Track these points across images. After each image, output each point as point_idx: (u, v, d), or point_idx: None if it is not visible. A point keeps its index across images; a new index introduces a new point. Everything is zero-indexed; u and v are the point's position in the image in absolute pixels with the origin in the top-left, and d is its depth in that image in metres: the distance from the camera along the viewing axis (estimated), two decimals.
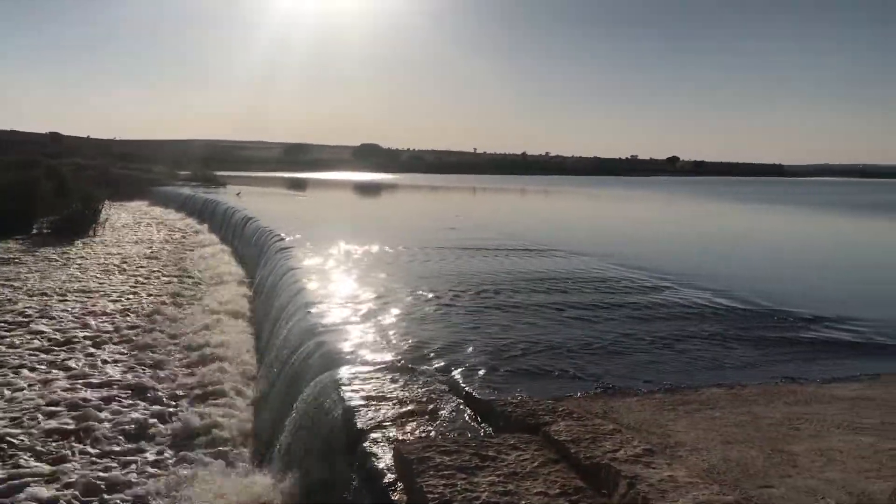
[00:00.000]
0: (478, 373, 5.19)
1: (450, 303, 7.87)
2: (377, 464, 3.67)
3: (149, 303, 12.15)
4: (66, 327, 10.25)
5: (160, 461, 5.93)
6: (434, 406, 4.44)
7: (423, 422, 4.18)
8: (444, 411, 4.37)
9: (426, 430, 4.06)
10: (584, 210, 34.98)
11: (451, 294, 8.35)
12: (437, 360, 5.51)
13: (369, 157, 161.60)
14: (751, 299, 8.32)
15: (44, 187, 23.01)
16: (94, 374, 8.20)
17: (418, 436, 3.95)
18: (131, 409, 7.14)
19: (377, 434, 4.01)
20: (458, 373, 5.17)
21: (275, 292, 9.73)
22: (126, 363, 8.66)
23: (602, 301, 8.16)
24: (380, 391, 4.72)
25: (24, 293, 12.50)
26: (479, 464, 3.23)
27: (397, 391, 4.72)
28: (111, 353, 9.09)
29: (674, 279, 9.76)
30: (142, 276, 14.99)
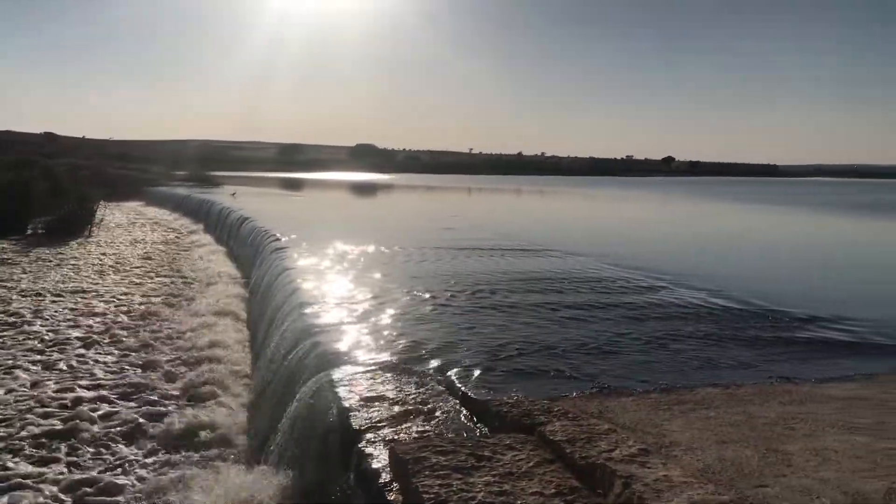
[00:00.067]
0: (473, 373, 5.19)
1: (445, 303, 7.87)
2: (373, 464, 3.66)
3: (143, 303, 12.11)
4: (60, 328, 10.22)
5: (154, 462, 5.91)
6: (430, 406, 4.44)
7: (418, 422, 4.17)
8: (440, 411, 4.37)
9: (422, 430, 4.06)
10: (579, 210, 35.00)
11: (447, 294, 8.35)
12: (433, 361, 5.50)
13: (365, 157, 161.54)
14: (746, 299, 8.34)
15: (39, 187, 22.93)
16: (86, 374, 8.17)
17: (414, 436, 3.94)
18: (125, 409, 7.11)
19: (373, 434, 4.00)
20: (453, 373, 5.17)
21: (270, 293, 9.71)
22: (119, 364, 8.63)
23: (597, 301, 8.17)
24: (375, 391, 4.71)
25: (18, 293, 12.45)
26: (474, 464, 3.23)
27: (393, 391, 4.71)
28: (105, 353, 9.06)
29: (669, 279, 9.77)
30: (137, 276, 14.95)
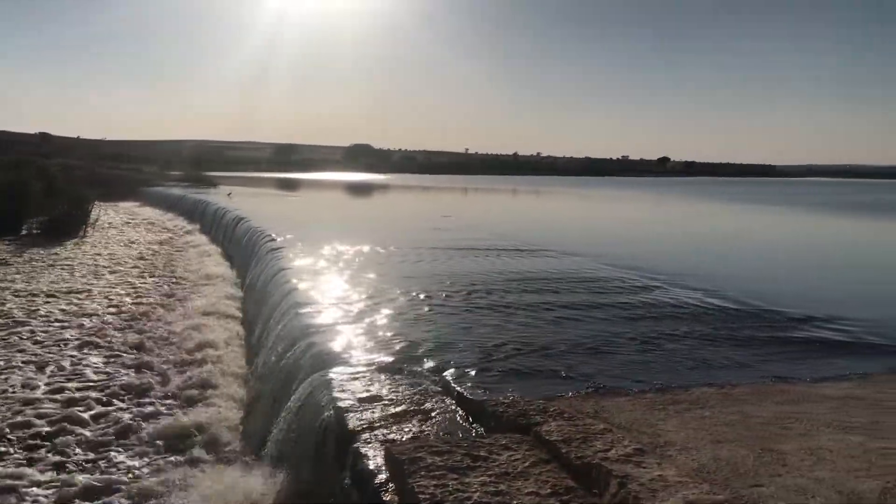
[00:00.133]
0: (469, 373, 5.19)
1: (441, 303, 7.87)
2: (368, 464, 3.65)
3: (138, 304, 12.07)
4: (54, 328, 10.18)
5: (147, 463, 5.89)
6: (425, 406, 4.43)
7: (414, 422, 4.17)
8: (436, 412, 4.36)
9: (417, 430, 4.06)
10: (575, 210, 35.03)
11: (443, 294, 8.35)
12: (429, 361, 5.50)
13: (360, 157, 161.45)
14: (741, 299, 8.36)
15: (33, 188, 22.85)
16: (79, 375, 8.14)
17: (410, 436, 3.94)
18: (119, 410, 7.08)
19: (368, 434, 3.99)
20: (449, 373, 5.17)
21: (266, 293, 9.70)
22: (112, 364, 8.59)
23: (593, 301, 8.17)
24: (371, 392, 4.70)
25: (12, 294, 12.39)
26: (470, 464, 3.22)
27: (389, 392, 4.71)
28: (98, 354, 9.02)
29: (665, 279, 9.79)
30: (131, 277, 14.90)
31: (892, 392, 4.88)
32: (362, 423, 4.16)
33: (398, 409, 4.37)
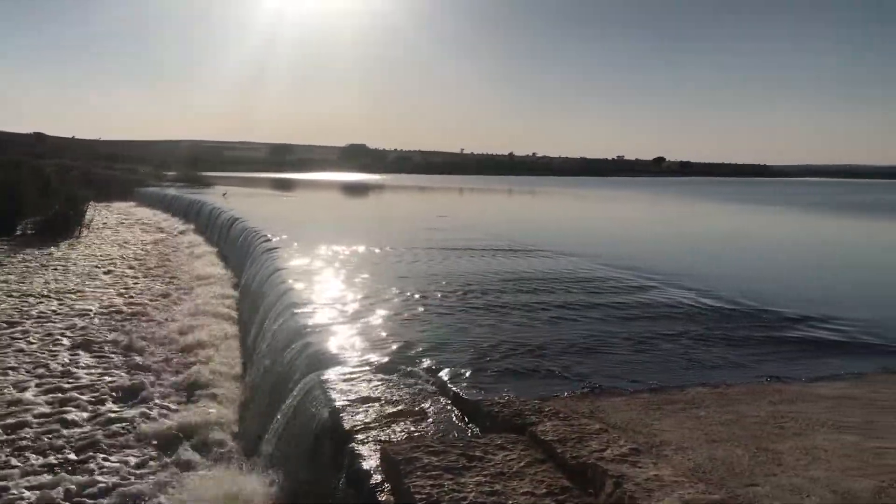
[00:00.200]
0: (465, 373, 5.18)
1: (437, 303, 7.86)
2: (364, 465, 3.65)
3: (132, 304, 12.04)
4: (48, 329, 10.14)
5: (143, 463, 5.86)
6: (421, 407, 4.42)
7: (410, 422, 4.16)
8: (431, 412, 4.36)
9: (413, 430, 4.05)
10: (570, 210, 35.05)
11: (439, 294, 8.34)
12: (424, 361, 5.49)
13: (356, 157, 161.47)
14: (737, 299, 8.37)
15: (28, 188, 22.77)
16: (75, 375, 8.11)
17: (405, 436, 3.93)
18: (114, 410, 7.06)
19: (364, 435, 3.98)
20: (445, 373, 5.16)
21: (261, 293, 9.67)
22: (108, 364, 8.56)
23: (588, 301, 8.17)
24: (367, 392, 4.70)
25: (5, 294, 12.35)
26: (466, 464, 3.22)
27: (384, 392, 4.70)
28: (92, 354, 8.99)
29: (660, 279, 9.80)
30: (126, 277, 14.86)
31: (886, 392, 4.89)
32: (358, 423, 4.15)
33: (394, 409, 4.36)
